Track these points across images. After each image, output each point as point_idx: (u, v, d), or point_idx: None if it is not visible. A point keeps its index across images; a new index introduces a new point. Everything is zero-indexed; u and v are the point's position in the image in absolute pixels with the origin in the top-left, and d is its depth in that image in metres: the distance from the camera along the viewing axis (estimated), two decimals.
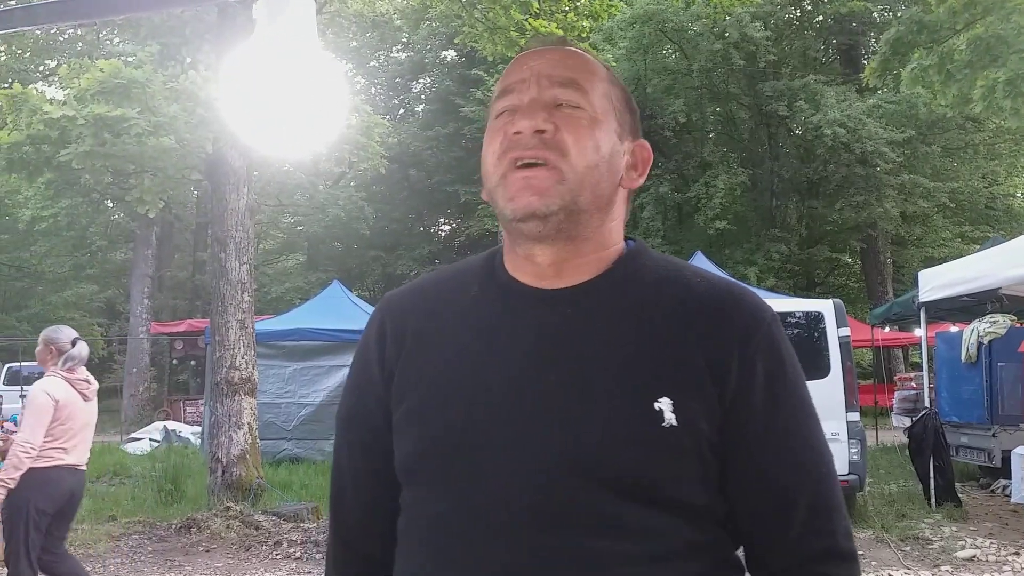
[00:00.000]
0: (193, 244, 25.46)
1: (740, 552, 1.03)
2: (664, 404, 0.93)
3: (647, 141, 1.09)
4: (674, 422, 0.93)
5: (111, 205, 23.55)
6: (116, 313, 26.30)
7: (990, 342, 8.68)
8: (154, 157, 8.30)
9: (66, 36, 22.07)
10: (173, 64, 13.88)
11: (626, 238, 1.07)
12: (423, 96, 27.49)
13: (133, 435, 13.39)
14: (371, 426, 1.07)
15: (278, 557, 6.03)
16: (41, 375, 4.19)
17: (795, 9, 21.25)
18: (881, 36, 12.42)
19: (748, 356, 0.97)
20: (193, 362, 21.67)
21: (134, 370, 19.02)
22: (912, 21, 10.18)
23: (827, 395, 6.82)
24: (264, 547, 6.25)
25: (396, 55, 27.57)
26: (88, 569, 5.74)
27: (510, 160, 0.98)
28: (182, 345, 21.02)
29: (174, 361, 23.16)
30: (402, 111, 27.21)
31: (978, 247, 12.30)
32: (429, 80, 27.03)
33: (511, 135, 0.99)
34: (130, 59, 11.19)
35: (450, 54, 25.55)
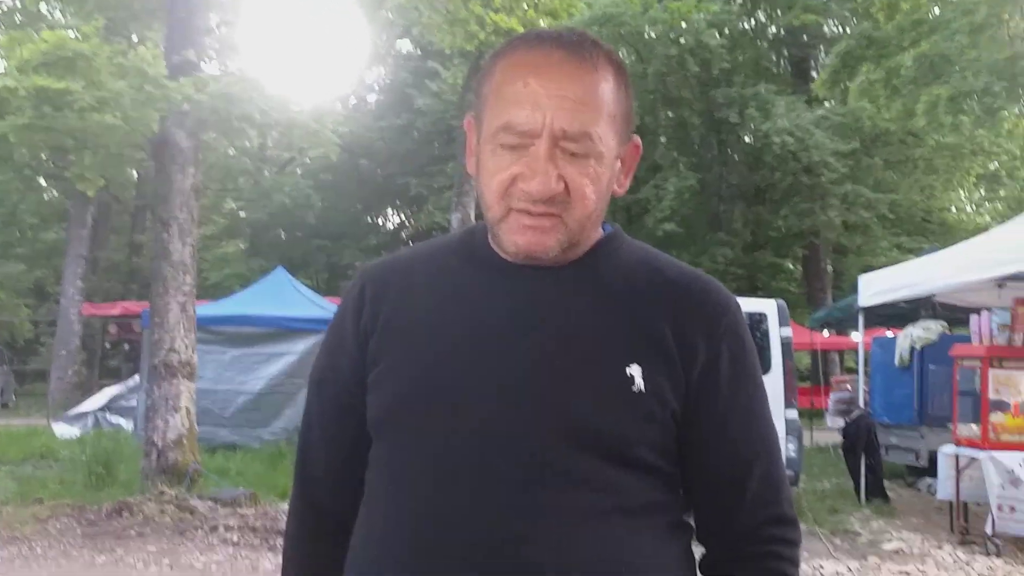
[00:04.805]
0: (131, 226, 24.72)
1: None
2: (635, 371, 0.99)
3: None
4: (643, 388, 0.99)
5: (44, 183, 22.73)
6: (45, 294, 25.39)
7: (922, 347, 8.99)
8: (97, 133, 8.03)
9: (5, 9, 21.21)
10: (120, 40, 13.46)
11: (603, 223, 1.10)
12: (376, 86, 27.22)
13: (73, 412, 12.83)
14: (343, 386, 1.10)
15: (215, 542, 5.89)
16: None
17: (750, 19, 21.66)
18: (831, 50, 12.75)
19: (716, 339, 1.03)
20: (127, 346, 21.06)
21: (63, 352, 18.34)
22: (862, 36, 10.49)
23: (767, 392, 6.97)
24: (200, 531, 6.09)
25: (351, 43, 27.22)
26: (14, 552, 5.54)
27: (516, 206, 1.00)
28: (116, 328, 20.41)
29: (107, 345, 22.48)
30: (354, 100, 26.89)
31: (914, 257, 12.70)
32: (383, 70, 26.77)
33: (519, 188, 0.98)
34: (74, 33, 10.81)
35: (405, 44, 25.35)
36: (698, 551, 1.08)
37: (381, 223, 27.95)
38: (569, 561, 0.95)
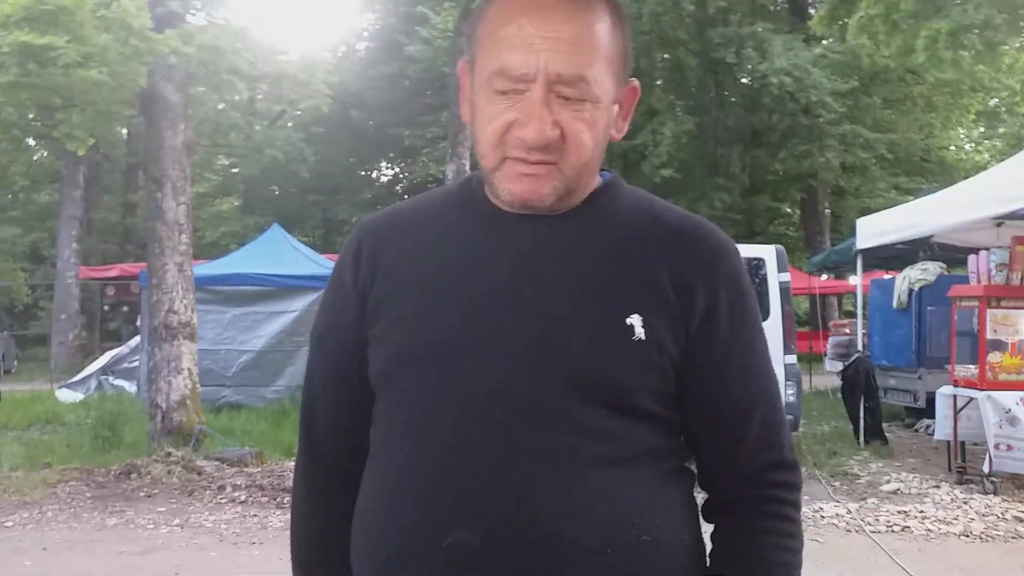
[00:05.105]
0: (124, 185, 24.51)
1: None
2: (635, 320, 0.99)
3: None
4: (643, 337, 0.99)
5: (33, 144, 22.44)
6: (41, 257, 25.29)
7: (920, 288, 9.01)
8: (84, 90, 7.87)
9: None
10: None
11: (601, 170, 1.08)
12: (365, 33, 26.70)
13: (72, 380, 12.93)
14: (344, 342, 1.10)
15: (222, 501, 5.97)
16: None
17: None
18: None
19: (714, 284, 1.03)
20: (126, 308, 21.06)
21: (63, 316, 18.35)
22: None
23: (767, 338, 6.99)
24: (208, 491, 6.17)
25: None
26: (25, 516, 5.61)
27: (511, 155, 0.99)
28: (114, 291, 20.38)
29: (105, 307, 22.48)
30: (343, 48, 26.38)
31: (912, 198, 12.65)
32: (372, 16, 26.23)
33: (514, 136, 0.97)
34: None
35: None
36: (700, 497, 1.08)
37: (375, 176, 27.71)
38: (570, 510, 0.95)
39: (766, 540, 1.04)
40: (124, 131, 21.68)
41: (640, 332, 0.98)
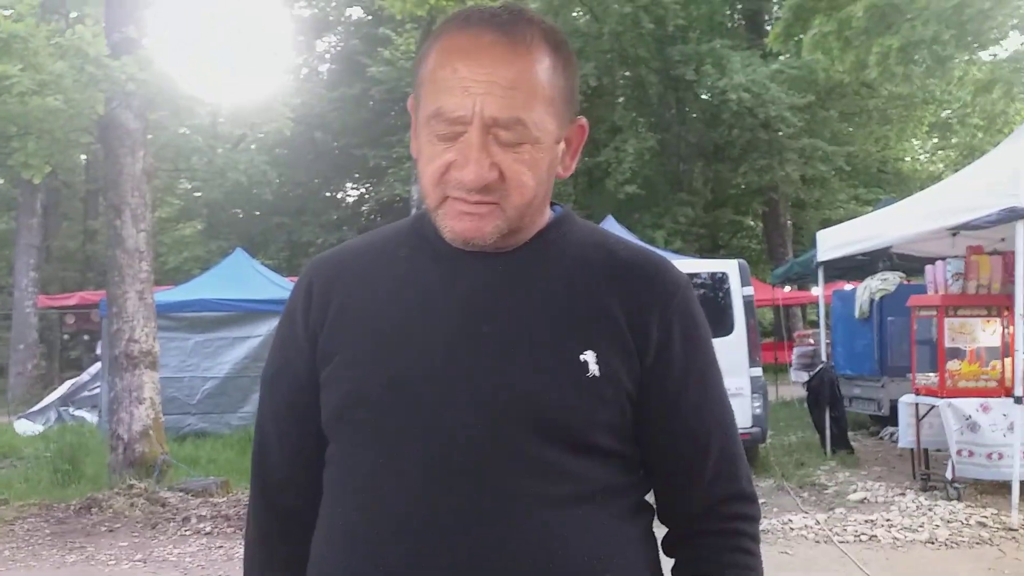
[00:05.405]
0: (83, 212, 24.09)
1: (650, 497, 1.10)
2: (588, 356, 0.98)
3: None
4: (597, 373, 0.98)
5: None
6: None
7: (881, 298, 9.17)
8: (40, 118, 7.76)
9: None
10: (57, 18, 12.97)
11: (552, 204, 1.09)
12: (327, 55, 26.67)
13: (31, 410, 12.60)
14: (296, 384, 1.08)
15: (187, 533, 5.84)
16: None
17: None
18: (784, 2, 12.74)
19: (667, 318, 1.03)
20: (87, 336, 20.64)
21: (21, 347, 17.91)
22: None
23: (732, 352, 7.06)
24: (172, 524, 6.04)
25: (299, 12, 26.56)
26: None
27: (452, 194, 0.98)
28: (74, 319, 19.97)
29: (65, 336, 22.01)
30: (305, 71, 26.30)
31: (871, 208, 12.90)
32: (334, 39, 26.22)
33: (453, 177, 0.96)
34: (7, 12, 10.41)
35: (356, 11, 24.82)
36: (660, 531, 1.08)
37: (340, 197, 27.56)
38: (528, 552, 0.94)
39: (726, 574, 1.04)
40: (83, 158, 21.36)
41: (594, 368, 0.98)
